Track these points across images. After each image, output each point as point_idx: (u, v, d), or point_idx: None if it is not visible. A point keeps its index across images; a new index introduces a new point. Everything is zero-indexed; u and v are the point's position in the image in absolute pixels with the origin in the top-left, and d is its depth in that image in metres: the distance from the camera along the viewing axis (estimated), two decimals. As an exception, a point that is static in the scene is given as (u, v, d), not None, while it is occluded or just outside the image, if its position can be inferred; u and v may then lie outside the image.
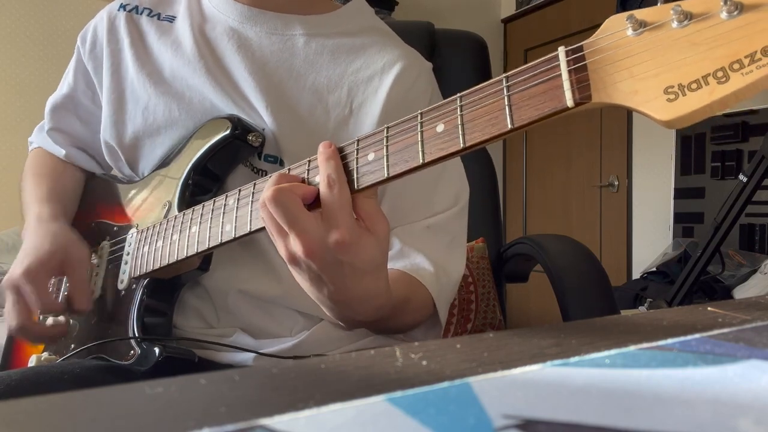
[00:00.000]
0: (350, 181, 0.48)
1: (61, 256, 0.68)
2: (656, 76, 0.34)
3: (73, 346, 0.72)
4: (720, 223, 1.72)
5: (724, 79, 0.32)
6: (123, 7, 0.77)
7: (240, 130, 0.66)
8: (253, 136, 0.66)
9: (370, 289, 0.52)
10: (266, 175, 0.68)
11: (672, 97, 0.34)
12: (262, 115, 0.68)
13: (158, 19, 0.76)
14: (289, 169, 0.53)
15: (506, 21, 3.54)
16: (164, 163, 0.72)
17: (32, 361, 0.73)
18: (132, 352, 0.64)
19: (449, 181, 0.72)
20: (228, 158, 0.68)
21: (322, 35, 0.73)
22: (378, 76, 0.71)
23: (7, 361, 0.81)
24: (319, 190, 0.48)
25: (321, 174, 0.47)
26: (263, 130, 0.68)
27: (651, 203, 2.86)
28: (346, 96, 0.70)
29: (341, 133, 0.69)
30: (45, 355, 0.73)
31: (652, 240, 2.82)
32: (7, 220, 1.94)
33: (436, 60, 1.21)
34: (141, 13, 0.77)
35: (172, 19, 0.76)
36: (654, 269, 2.44)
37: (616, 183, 2.98)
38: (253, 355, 0.66)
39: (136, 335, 0.64)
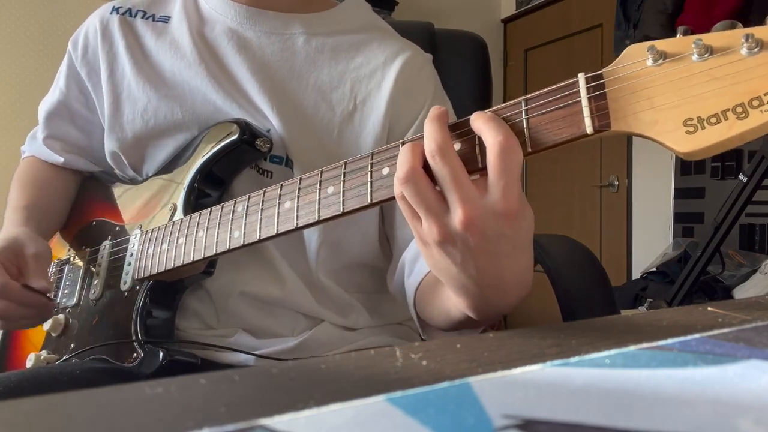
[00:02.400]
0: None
1: (14, 248, 0.67)
2: (676, 108, 0.35)
3: (73, 345, 0.72)
4: (720, 223, 1.72)
5: (744, 114, 0.33)
6: (116, 10, 0.76)
7: (248, 134, 0.65)
8: (261, 141, 0.66)
9: (524, 271, 0.46)
10: (272, 176, 0.68)
11: (691, 129, 0.34)
12: (268, 116, 0.68)
13: (153, 20, 0.75)
14: (300, 179, 0.52)
15: (506, 21, 3.54)
16: (169, 165, 0.72)
17: (31, 359, 0.73)
18: (135, 354, 0.63)
19: None
20: (235, 163, 0.68)
21: (322, 33, 0.73)
22: (380, 70, 0.71)
23: (4, 360, 0.81)
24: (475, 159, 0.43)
25: (494, 138, 0.40)
26: (269, 131, 0.68)
27: (651, 203, 2.86)
28: (349, 92, 0.70)
29: (347, 129, 0.69)
30: (44, 353, 0.73)
31: (652, 240, 2.82)
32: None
33: (435, 60, 1.21)
34: (135, 16, 0.75)
35: (166, 19, 0.75)
36: (654, 269, 2.44)
37: (616, 183, 2.98)
38: (254, 356, 0.66)
39: (140, 338, 0.64)
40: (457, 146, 0.43)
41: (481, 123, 0.41)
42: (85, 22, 0.79)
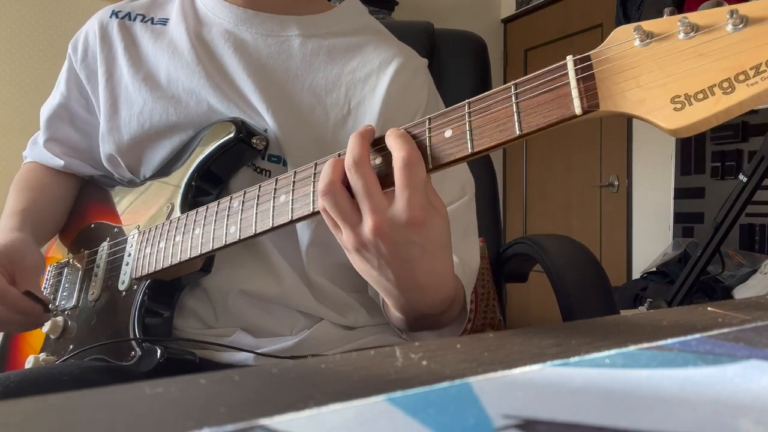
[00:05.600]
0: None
1: (10, 255, 0.68)
2: (663, 86, 0.36)
3: (71, 347, 0.72)
4: (720, 223, 1.72)
5: (730, 89, 0.33)
6: (115, 14, 0.77)
7: (244, 133, 0.66)
8: (257, 139, 0.66)
9: (439, 275, 0.51)
10: (270, 175, 0.68)
11: (678, 106, 0.35)
12: (264, 116, 0.68)
13: (152, 23, 0.75)
14: (295, 172, 0.53)
15: (506, 21, 3.54)
16: (166, 166, 0.72)
17: (30, 362, 0.73)
18: (133, 353, 0.64)
19: (454, 173, 0.71)
20: (232, 161, 0.68)
21: (318, 36, 0.73)
22: (375, 75, 0.71)
23: (4, 362, 0.81)
24: (384, 173, 0.46)
25: (398, 153, 0.45)
26: (266, 131, 0.68)
27: (651, 203, 2.86)
28: (344, 96, 0.70)
29: (341, 132, 0.69)
30: (43, 355, 0.73)
31: (652, 240, 2.82)
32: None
33: (435, 60, 1.21)
34: (134, 20, 0.76)
35: (165, 21, 0.75)
36: (654, 269, 2.44)
37: (616, 183, 2.98)
38: (253, 354, 0.66)
39: (137, 336, 0.64)
40: (378, 160, 0.47)
41: (391, 139, 0.46)
42: (84, 25, 0.79)
